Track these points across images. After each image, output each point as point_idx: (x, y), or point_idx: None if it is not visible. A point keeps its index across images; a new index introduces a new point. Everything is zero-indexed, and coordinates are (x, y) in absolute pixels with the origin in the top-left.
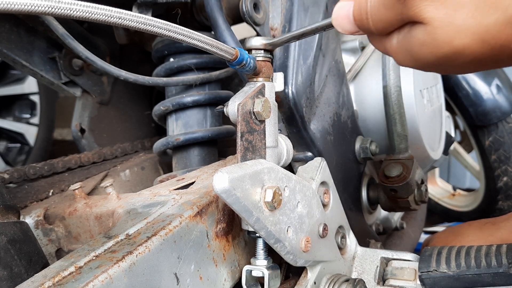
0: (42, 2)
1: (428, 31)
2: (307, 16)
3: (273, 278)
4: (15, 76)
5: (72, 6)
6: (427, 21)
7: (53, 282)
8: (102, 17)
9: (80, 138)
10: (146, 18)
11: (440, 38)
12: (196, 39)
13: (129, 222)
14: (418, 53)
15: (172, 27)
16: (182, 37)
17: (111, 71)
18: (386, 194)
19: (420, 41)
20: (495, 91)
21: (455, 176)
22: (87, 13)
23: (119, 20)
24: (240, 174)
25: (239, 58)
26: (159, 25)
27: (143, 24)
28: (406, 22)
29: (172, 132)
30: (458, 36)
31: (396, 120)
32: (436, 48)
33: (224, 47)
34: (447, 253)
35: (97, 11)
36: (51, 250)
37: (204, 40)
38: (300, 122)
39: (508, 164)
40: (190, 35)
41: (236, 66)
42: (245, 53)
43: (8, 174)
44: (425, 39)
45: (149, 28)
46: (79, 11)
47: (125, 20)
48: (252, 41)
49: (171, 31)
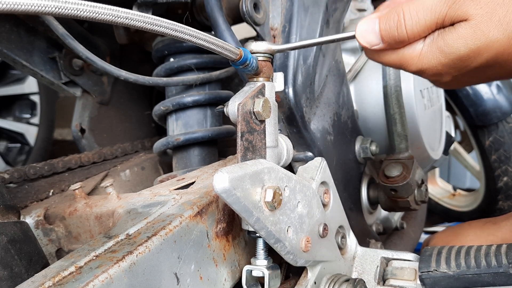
0: (48, 2)
1: (470, 25)
2: (307, 16)
3: (273, 278)
4: (15, 76)
5: (78, 6)
6: (472, 17)
7: (53, 282)
8: (108, 17)
9: (80, 138)
10: (153, 18)
11: (479, 30)
12: (203, 39)
13: (129, 222)
14: (452, 46)
15: (178, 27)
16: (189, 37)
17: (111, 71)
18: (386, 194)
19: (459, 35)
20: (495, 91)
21: (455, 176)
22: (93, 13)
23: (125, 20)
24: (240, 174)
25: (243, 58)
26: (166, 25)
27: (149, 24)
28: (442, 26)
29: (172, 132)
30: (493, 30)
31: (396, 120)
32: (473, 39)
33: (229, 47)
34: (447, 253)
35: (103, 11)
36: (51, 250)
37: (210, 40)
38: (300, 122)
39: (508, 164)
40: (196, 35)
41: (240, 66)
42: (249, 53)
43: (8, 174)
44: (466, 32)
45: (155, 28)
46: (84, 11)
47: (131, 20)
48: (257, 45)
49: (177, 31)
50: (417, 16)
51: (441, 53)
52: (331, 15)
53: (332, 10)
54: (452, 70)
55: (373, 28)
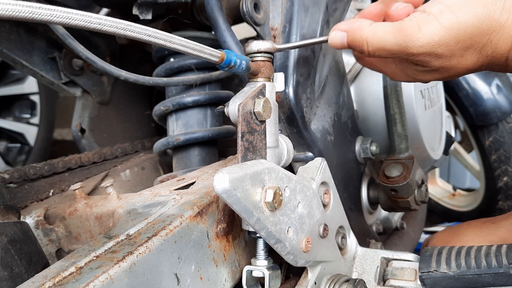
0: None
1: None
2: (307, 16)
3: (274, 278)
4: (15, 76)
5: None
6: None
7: (53, 283)
8: (80, 22)
9: (80, 138)
10: (126, 24)
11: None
12: (178, 44)
13: (129, 222)
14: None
15: (152, 32)
16: (163, 42)
17: (111, 71)
18: (386, 194)
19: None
20: (495, 91)
21: (455, 176)
22: (66, 18)
23: (98, 25)
24: (241, 175)
25: (226, 60)
26: (139, 30)
27: (122, 30)
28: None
29: (172, 132)
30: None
31: (397, 120)
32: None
33: (208, 50)
34: (447, 253)
35: (75, 17)
36: (51, 250)
37: (186, 45)
38: (300, 122)
39: (508, 164)
40: (171, 40)
41: (225, 68)
42: (233, 55)
43: (8, 174)
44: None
45: (128, 34)
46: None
47: (104, 25)
48: (253, 45)
49: (151, 36)
50: (378, 44)
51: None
52: (331, 15)
53: (332, 10)
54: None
55: (342, 39)
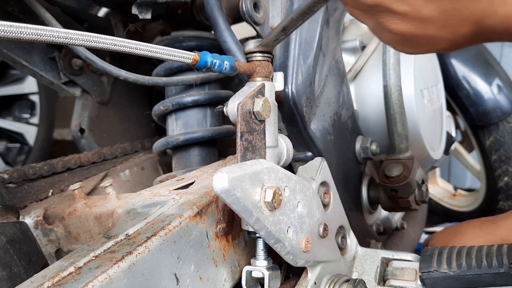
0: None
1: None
2: None
3: (273, 278)
4: (15, 76)
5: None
6: None
7: (52, 283)
8: (48, 38)
9: (80, 138)
10: (91, 36)
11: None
12: (145, 50)
13: (128, 222)
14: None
15: (118, 41)
16: (129, 50)
17: (111, 71)
18: (386, 194)
19: None
20: (496, 91)
21: (455, 176)
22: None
23: (65, 40)
24: (240, 174)
25: (201, 61)
26: (104, 40)
27: (88, 42)
28: None
29: (172, 132)
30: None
31: (397, 120)
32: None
33: (179, 53)
34: (447, 253)
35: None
36: (50, 250)
37: (154, 50)
38: (300, 122)
39: (509, 164)
40: (137, 47)
41: (203, 69)
42: (209, 56)
43: (8, 174)
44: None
45: (93, 45)
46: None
47: (70, 39)
48: (246, 45)
49: (117, 45)
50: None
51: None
52: (331, 15)
53: (332, 10)
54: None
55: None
